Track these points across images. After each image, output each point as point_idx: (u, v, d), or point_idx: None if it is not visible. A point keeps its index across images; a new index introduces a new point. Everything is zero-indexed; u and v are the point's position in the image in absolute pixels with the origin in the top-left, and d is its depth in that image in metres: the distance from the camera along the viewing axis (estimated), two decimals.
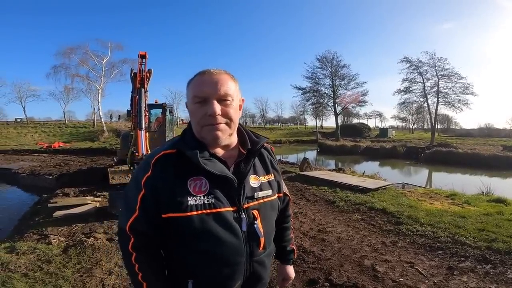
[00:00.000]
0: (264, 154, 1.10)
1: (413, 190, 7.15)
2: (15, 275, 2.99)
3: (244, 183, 0.97)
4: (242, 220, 0.94)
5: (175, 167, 0.92)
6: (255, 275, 1.01)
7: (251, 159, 1.01)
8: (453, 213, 5.01)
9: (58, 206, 5.67)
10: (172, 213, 0.89)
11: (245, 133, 1.06)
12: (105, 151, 19.20)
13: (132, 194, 0.94)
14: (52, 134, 31.10)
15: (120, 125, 34.59)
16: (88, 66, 31.75)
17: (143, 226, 0.93)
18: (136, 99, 6.15)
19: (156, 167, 0.92)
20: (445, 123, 65.91)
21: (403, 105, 35.90)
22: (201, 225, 0.89)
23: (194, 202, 0.89)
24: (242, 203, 0.95)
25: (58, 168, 11.73)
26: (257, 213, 0.99)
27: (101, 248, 3.73)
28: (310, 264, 3.33)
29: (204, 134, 0.94)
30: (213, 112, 0.90)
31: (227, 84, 0.93)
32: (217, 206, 0.91)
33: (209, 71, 0.94)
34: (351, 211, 5.46)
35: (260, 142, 1.04)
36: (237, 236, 0.93)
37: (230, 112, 0.94)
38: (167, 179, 0.90)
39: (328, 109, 40.87)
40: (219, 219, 0.91)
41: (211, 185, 0.92)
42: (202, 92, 0.91)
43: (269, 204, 1.04)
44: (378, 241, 4.02)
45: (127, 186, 1.03)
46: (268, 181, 1.05)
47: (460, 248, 3.69)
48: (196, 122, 0.94)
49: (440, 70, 30.87)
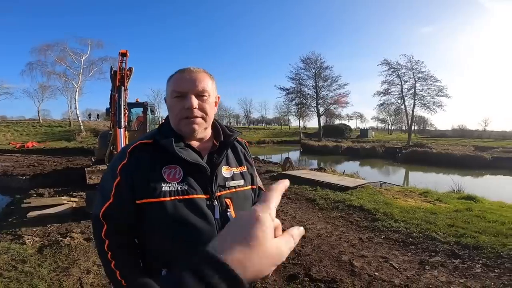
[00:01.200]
0: (237, 148, 1.16)
1: (390, 188, 7.43)
2: None
3: (216, 172, 1.01)
4: (215, 207, 0.98)
5: (151, 155, 0.96)
6: None
7: (223, 151, 1.06)
8: (425, 210, 5.26)
9: (32, 206, 5.47)
10: (146, 199, 0.93)
11: (219, 127, 1.11)
12: (83, 151, 18.54)
13: (108, 182, 0.97)
14: (26, 134, 29.69)
15: (98, 124, 33.49)
16: (65, 64, 30.53)
17: (117, 212, 0.96)
18: (116, 97, 6.01)
19: (132, 155, 0.96)
20: (421, 124, 68.53)
21: (382, 107, 37.08)
22: (174, 211, 0.92)
23: (167, 188, 0.93)
24: (214, 191, 0.99)
25: (31, 168, 11.26)
26: (230, 201, 1.03)
27: (78, 248, 3.66)
28: (290, 260, 3.40)
29: (181, 127, 0.99)
30: (190, 105, 0.96)
31: (204, 81, 0.99)
32: (190, 192, 0.95)
33: (189, 68, 1.00)
34: (331, 208, 5.60)
35: (232, 135, 1.10)
36: (210, 224, 0.96)
37: (206, 107, 1.00)
38: (142, 167, 0.94)
39: (311, 110, 41.48)
40: (192, 205, 0.94)
41: (185, 173, 0.96)
42: (181, 87, 0.98)
43: (242, 194, 1.08)
44: (356, 237, 4.16)
45: (103, 175, 1.06)
46: (241, 172, 1.10)
47: (431, 243, 3.88)
48: (174, 115, 0.99)
49: (417, 73, 32.14)
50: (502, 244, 3.70)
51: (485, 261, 3.38)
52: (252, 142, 36.43)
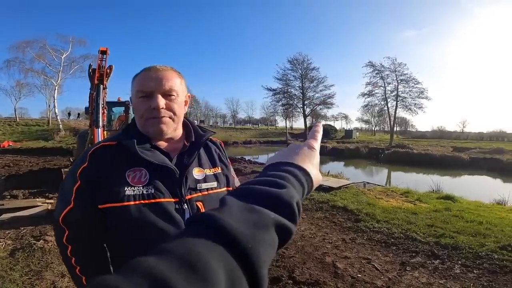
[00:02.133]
0: (211, 148, 1.10)
1: (373, 188, 7.55)
2: None
3: (186, 175, 0.96)
4: (184, 211, 0.93)
5: (114, 158, 0.91)
6: None
7: (194, 151, 1.01)
8: (406, 210, 5.36)
9: (5, 208, 5.21)
10: (108, 204, 0.88)
11: (191, 127, 1.07)
12: (61, 151, 17.86)
13: (68, 186, 0.92)
14: (2, 133, 28.36)
15: (79, 123, 32.48)
16: (44, 61, 29.42)
17: (78, 217, 0.91)
18: (94, 95, 5.81)
19: (93, 158, 0.91)
20: (403, 126, 70.63)
21: (366, 108, 37.92)
22: (139, 216, 0.87)
23: (131, 192, 0.88)
24: (184, 194, 0.94)
25: (6, 169, 10.76)
26: (202, 205, 0.97)
27: (52, 251, 3.52)
28: (274, 262, 3.36)
29: (147, 128, 0.94)
30: (157, 105, 0.91)
31: (172, 79, 0.95)
32: (156, 196, 0.90)
33: (155, 67, 0.95)
34: (315, 209, 5.62)
35: (205, 135, 1.05)
36: (179, 228, 0.90)
37: (174, 107, 0.95)
38: (104, 170, 0.90)
39: (297, 110, 41.83)
40: (159, 210, 0.89)
41: (151, 176, 0.91)
42: (146, 86, 0.92)
43: (215, 197, 1.02)
44: (339, 238, 4.18)
45: (64, 178, 1.00)
46: (214, 174, 1.05)
47: (411, 244, 3.93)
48: (140, 115, 0.94)
49: (400, 75, 33.07)
50: (480, 244, 3.78)
51: (464, 262, 3.43)
52: (239, 142, 36.37)
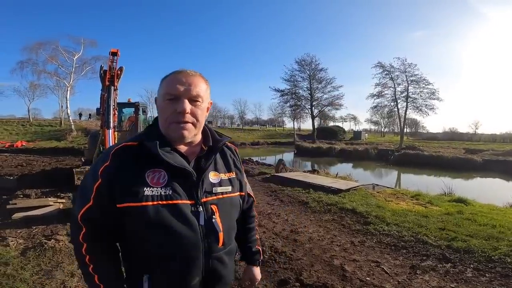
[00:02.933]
0: (227, 153, 1.13)
1: (382, 190, 7.44)
2: None
3: (203, 178, 0.99)
4: (199, 213, 0.95)
5: (135, 158, 0.93)
6: (215, 273, 1.00)
7: (211, 156, 1.03)
8: (416, 213, 5.26)
9: (17, 207, 5.32)
10: (127, 203, 0.89)
11: (208, 131, 1.08)
12: (73, 151, 18.27)
13: (88, 184, 0.94)
14: (15, 133, 29.11)
15: (90, 124, 33.05)
16: (57, 63, 30.04)
17: (96, 216, 0.93)
18: (105, 97, 5.91)
19: (115, 157, 0.93)
20: (413, 127, 69.48)
21: (375, 109, 37.47)
22: (156, 216, 0.89)
23: (150, 193, 0.90)
24: (200, 196, 0.97)
25: (19, 168, 11.03)
26: (216, 208, 1.00)
27: (63, 250, 3.56)
28: (282, 264, 3.35)
29: (170, 131, 0.96)
30: (183, 110, 0.93)
31: (199, 85, 0.97)
32: (173, 198, 0.92)
33: (185, 71, 0.97)
34: (323, 211, 5.57)
35: (222, 140, 1.08)
36: (193, 230, 0.93)
37: (198, 113, 0.97)
38: (125, 170, 0.91)
39: (305, 111, 41.69)
40: (175, 211, 0.91)
41: (169, 178, 0.93)
42: (175, 89, 0.94)
43: (229, 200, 1.05)
44: (347, 240, 4.13)
45: (84, 176, 1.03)
46: (229, 178, 1.08)
47: (422, 247, 3.85)
48: (164, 118, 0.96)
49: (410, 76, 32.56)
50: (493, 248, 3.69)
51: (476, 265, 3.36)
52: (246, 143, 36.45)
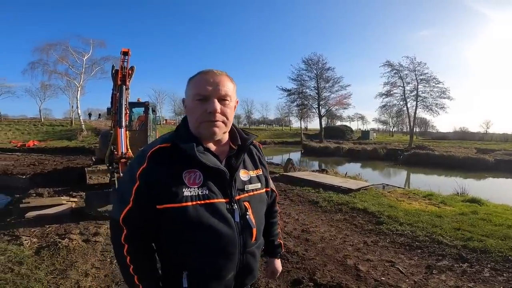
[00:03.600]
0: (252, 151, 1.16)
1: (393, 190, 7.34)
2: None
3: (235, 176, 1.02)
4: (234, 211, 0.99)
5: (170, 160, 0.95)
6: (247, 267, 1.05)
7: (241, 154, 1.07)
8: (430, 213, 5.17)
9: (30, 206, 5.39)
10: (167, 204, 0.92)
11: (235, 130, 1.11)
12: (83, 150, 18.54)
13: (127, 187, 0.96)
14: (27, 132, 29.68)
15: (99, 123, 33.55)
16: (67, 63, 30.49)
17: (136, 217, 0.95)
18: (117, 96, 5.95)
19: (152, 159, 0.94)
20: (423, 126, 68.50)
21: (384, 108, 37.01)
22: (195, 216, 0.92)
23: (189, 193, 0.93)
24: (234, 194, 1.00)
25: (32, 167, 11.20)
26: (248, 204, 1.04)
27: (77, 250, 3.59)
28: (294, 264, 3.32)
29: (201, 130, 0.98)
30: (213, 110, 0.95)
31: (227, 85, 0.99)
32: (210, 197, 0.95)
33: (212, 71, 0.99)
34: (334, 211, 5.52)
35: (249, 139, 1.10)
36: (230, 227, 0.97)
37: (227, 112, 1.00)
38: (163, 172, 0.93)
39: (312, 111, 41.46)
40: (213, 209, 0.95)
41: (204, 178, 0.96)
42: (204, 90, 0.96)
43: (259, 197, 1.10)
44: (360, 240, 4.08)
45: (121, 179, 1.09)
46: (257, 175, 1.12)
47: (437, 247, 3.80)
48: (195, 118, 0.98)
49: (420, 75, 32.00)
50: (510, 248, 3.63)
51: (493, 265, 3.31)
52: None
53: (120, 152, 5.31)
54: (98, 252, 3.58)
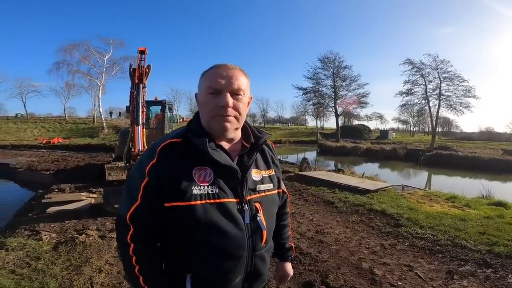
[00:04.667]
0: (265, 150, 1.12)
1: (413, 192, 7.07)
2: (1, 271, 2.90)
3: (246, 175, 0.98)
4: (245, 212, 0.94)
5: (181, 155, 0.92)
6: (256, 271, 1.00)
7: (254, 153, 1.02)
8: (453, 216, 4.94)
9: (52, 202, 5.59)
10: (175, 202, 0.88)
11: (248, 128, 1.07)
12: (104, 148, 19.17)
13: (135, 182, 0.92)
14: (52, 130, 31.06)
15: (120, 122, 34.50)
16: (89, 63, 31.67)
17: (144, 215, 0.91)
18: (134, 94, 6.07)
19: (162, 154, 0.91)
20: (445, 126, 65.96)
21: (404, 107, 35.85)
22: (204, 215, 0.88)
23: (198, 192, 0.88)
24: (245, 194, 0.96)
25: (55, 164, 11.64)
26: (259, 205, 0.99)
27: (93, 245, 3.66)
28: (307, 266, 3.25)
29: (213, 125, 0.95)
30: (225, 103, 0.91)
31: (240, 79, 0.95)
32: (220, 196, 0.91)
33: (225, 65, 0.96)
34: (350, 212, 5.38)
35: (262, 137, 1.06)
36: (240, 228, 0.92)
37: (240, 106, 0.96)
38: (172, 167, 0.89)
39: (329, 110, 40.73)
40: (222, 209, 0.90)
41: (215, 176, 0.92)
42: (217, 83, 0.93)
43: (271, 198, 1.06)
44: (377, 243, 3.94)
45: (130, 173, 1.01)
46: (269, 176, 1.07)
47: (460, 252, 3.62)
48: (207, 112, 0.95)
49: (443, 73, 30.72)
50: None
51: None
52: None
53: (137, 149, 5.42)
54: (113, 249, 3.64)
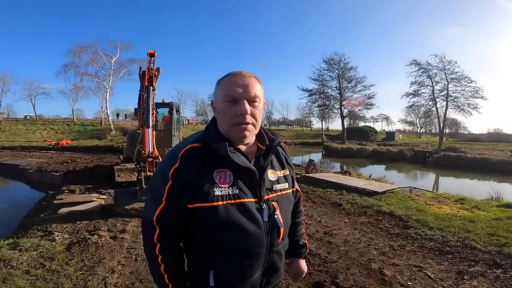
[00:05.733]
0: (279, 151, 1.16)
1: (421, 194, 7.03)
2: (16, 272, 2.94)
3: (263, 176, 1.02)
4: (263, 210, 0.99)
5: (202, 159, 0.96)
6: (273, 266, 1.05)
7: (269, 154, 1.07)
8: (462, 218, 4.91)
9: (63, 203, 5.67)
10: (199, 203, 0.92)
11: (262, 131, 1.11)
12: (112, 149, 19.38)
13: (159, 185, 0.97)
14: (61, 132, 31.44)
15: (126, 124, 34.85)
16: (97, 65, 31.95)
17: (169, 217, 0.96)
18: (144, 97, 6.15)
19: (184, 159, 0.95)
20: (453, 128, 65.18)
21: (411, 109, 35.60)
22: (226, 215, 0.92)
23: (220, 193, 0.93)
24: (263, 194, 1.00)
25: (65, 165, 11.79)
26: (276, 204, 1.04)
27: (105, 246, 3.71)
28: (316, 266, 3.27)
29: (232, 133, 0.99)
30: (244, 111, 0.95)
31: (256, 87, 0.99)
32: (240, 196, 0.96)
33: (241, 73, 1.00)
34: (358, 214, 5.38)
35: (277, 139, 1.10)
36: (259, 227, 0.97)
37: (256, 113, 1.00)
38: (194, 171, 0.94)
39: (334, 111, 40.66)
40: (243, 209, 0.95)
41: (235, 177, 0.97)
42: (234, 92, 0.96)
43: (286, 197, 1.10)
44: (386, 244, 3.94)
45: (153, 177, 1.08)
46: (284, 175, 1.12)
47: (470, 253, 3.61)
48: (226, 120, 0.98)
49: (450, 74, 30.42)
50: None
51: None
52: None
53: (147, 151, 5.48)
54: (124, 249, 3.69)
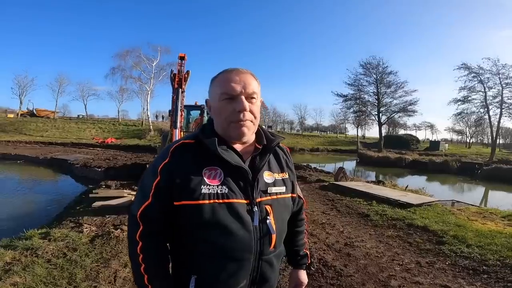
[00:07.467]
0: (279, 154, 1.11)
1: (464, 208, 6.40)
2: (39, 260, 3.10)
3: (258, 177, 0.97)
4: (254, 213, 0.93)
5: (193, 155, 0.93)
6: (263, 276, 0.97)
7: (266, 155, 1.02)
8: (508, 235, 4.35)
9: (98, 197, 6.08)
10: (184, 201, 0.89)
11: (261, 131, 1.07)
12: (150, 149, 20.53)
13: (148, 181, 0.95)
14: (107, 131, 33.99)
15: (164, 124, 36.61)
16: (140, 69, 34.08)
17: (154, 213, 0.93)
18: (174, 98, 6.40)
19: (174, 154, 0.93)
20: (508, 138, 58.85)
21: (460, 116, 32.83)
22: (212, 215, 0.87)
23: (207, 191, 0.89)
24: (255, 196, 0.95)
25: (107, 161, 12.74)
26: (270, 208, 0.97)
27: (125, 240, 3.82)
28: (329, 279, 3.08)
29: (230, 131, 0.96)
30: (242, 108, 0.92)
31: (253, 83, 0.96)
32: (229, 196, 0.90)
33: (236, 69, 0.97)
34: (386, 226, 5.03)
35: (275, 139, 1.05)
36: (247, 230, 0.91)
37: (255, 110, 0.97)
38: (183, 167, 0.91)
39: (371, 118, 38.65)
40: (231, 209, 0.90)
41: (225, 176, 0.92)
42: (231, 89, 0.93)
43: (282, 201, 1.03)
44: (412, 260, 3.62)
45: (144, 173, 1.04)
46: (282, 179, 1.06)
47: (509, 273, 3.20)
48: (224, 118, 0.95)
49: (505, 78, 27.54)
50: None
51: None
52: (305, 149, 35.75)
53: None
54: None
